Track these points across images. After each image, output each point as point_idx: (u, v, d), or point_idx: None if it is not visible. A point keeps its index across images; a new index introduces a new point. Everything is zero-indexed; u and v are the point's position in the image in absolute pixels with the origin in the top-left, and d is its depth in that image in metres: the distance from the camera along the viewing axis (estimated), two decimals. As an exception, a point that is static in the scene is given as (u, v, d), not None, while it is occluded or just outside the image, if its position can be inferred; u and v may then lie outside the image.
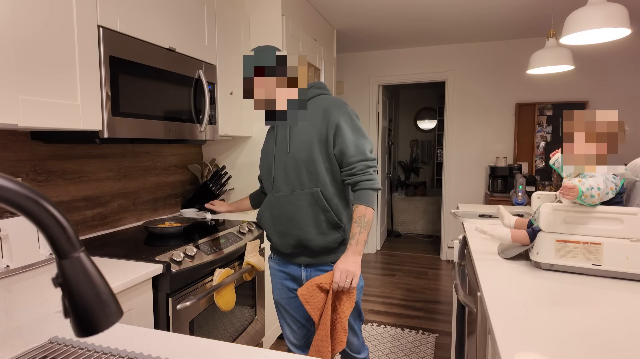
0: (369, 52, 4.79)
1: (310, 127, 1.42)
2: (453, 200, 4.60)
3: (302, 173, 1.41)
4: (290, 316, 1.61)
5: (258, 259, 2.06)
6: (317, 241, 1.44)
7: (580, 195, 1.23)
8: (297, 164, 1.41)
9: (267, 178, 1.52)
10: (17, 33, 1.19)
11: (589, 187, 1.23)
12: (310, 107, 1.45)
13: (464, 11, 3.36)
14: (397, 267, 4.36)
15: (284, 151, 1.45)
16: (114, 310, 0.50)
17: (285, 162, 1.44)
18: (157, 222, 1.96)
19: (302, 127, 1.43)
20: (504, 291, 1.15)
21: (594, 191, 1.23)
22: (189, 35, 1.99)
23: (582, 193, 1.23)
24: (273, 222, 1.51)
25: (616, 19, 1.61)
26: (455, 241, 2.07)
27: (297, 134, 1.43)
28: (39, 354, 0.81)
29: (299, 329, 1.63)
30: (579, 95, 4.09)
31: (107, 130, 1.51)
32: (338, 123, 1.38)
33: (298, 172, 1.42)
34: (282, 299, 1.61)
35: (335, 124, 1.38)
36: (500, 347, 0.84)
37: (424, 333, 2.79)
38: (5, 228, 1.34)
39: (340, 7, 3.25)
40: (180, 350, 0.86)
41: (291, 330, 1.64)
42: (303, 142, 1.41)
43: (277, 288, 1.62)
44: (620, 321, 0.95)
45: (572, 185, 1.23)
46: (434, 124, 6.75)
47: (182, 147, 2.58)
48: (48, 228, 0.45)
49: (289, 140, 1.44)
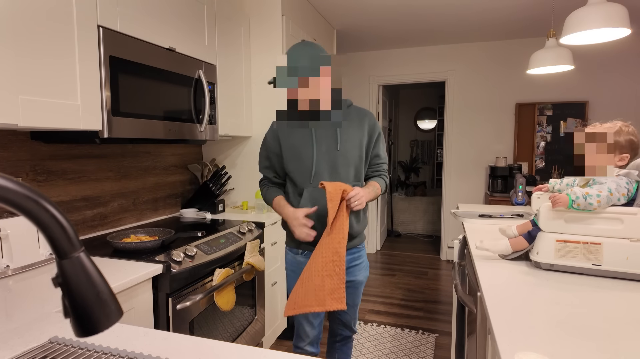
0: (369, 52, 4.79)
1: (356, 129, 1.58)
2: (453, 200, 4.60)
3: (351, 170, 1.58)
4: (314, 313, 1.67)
5: (258, 259, 2.06)
6: (356, 228, 1.62)
7: (570, 204, 1.25)
8: (347, 162, 1.57)
9: (303, 171, 1.57)
10: (17, 33, 1.19)
11: (584, 196, 1.24)
12: (349, 111, 1.62)
13: (464, 11, 3.36)
14: (397, 267, 4.36)
15: (331, 148, 1.55)
16: (114, 310, 0.50)
17: (334, 159, 1.56)
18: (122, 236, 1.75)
19: (347, 128, 1.57)
20: (504, 291, 1.15)
21: (592, 199, 1.23)
22: (189, 35, 1.99)
23: (572, 202, 1.25)
24: (317, 214, 1.56)
25: (616, 19, 1.61)
26: (455, 241, 2.07)
27: (345, 134, 1.57)
28: (39, 354, 0.81)
29: (318, 326, 1.68)
30: (579, 95, 4.08)
31: (107, 130, 1.51)
32: (380, 131, 1.64)
33: (347, 169, 1.57)
34: None
35: (378, 132, 1.64)
36: (500, 347, 0.84)
37: (424, 333, 2.79)
38: (5, 228, 1.34)
39: (340, 7, 3.25)
40: (180, 350, 0.86)
41: (311, 327, 1.66)
42: (353, 143, 1.56)
43: None
44: (620, 321, 0.95)
45: (560, 194, 1.28)
46: (434, 124, 6.75)
47: (182, 147, 2.58)
48: (48, 228, 0.45)
49: (339, 139, 1.55)
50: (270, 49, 2.59)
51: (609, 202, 1.24)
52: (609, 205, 1.25)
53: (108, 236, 1.66)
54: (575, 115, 4.09)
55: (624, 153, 1.33)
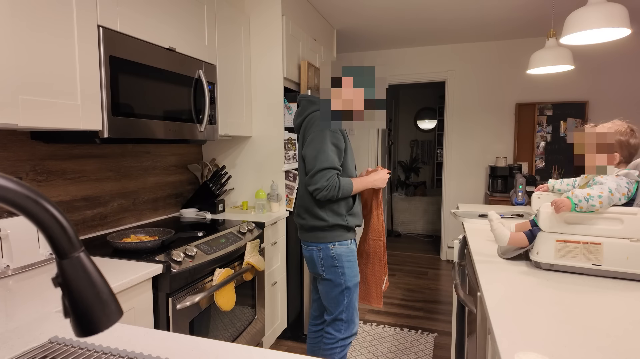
0: (369, 52, 4.78)
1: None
2: (453, 200, 4.60)
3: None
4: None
5: (258, 259, 2.06)
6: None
7: (573, 207, 1.25)
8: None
9: (352, 171, 1.87)
10: (17, 32, 1.19)
11: (586, 198, 1.24)
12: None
13: (464, 11, 3.36)
14: (397, 267, 4.36)
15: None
16: (114, 310, 0.50)
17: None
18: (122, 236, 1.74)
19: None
20: (504, 291, 1.15)
21: (594, 201, 1.23)
22: (189, 35, 1.99)
23: (575, 206, 1.25)
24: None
25: (616, 19, 1.61)
26: (455, 241, 2.07)
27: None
28: (39, 354, 0.81)
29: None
30: (579, 95, 4.08)
31: (107, 130, 1.50)
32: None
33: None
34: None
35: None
36: (500, 347, 0.84)
37: (423, 333, 2.79)
38: (5, 228, 1.34)
39: (340, 7, 3.25)
40: (180, 350, 0.86)
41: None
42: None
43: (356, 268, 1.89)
44: (620, 321, 0.95)
45: (561, 199, 1.28)
46: (434, 124, 6.74)
47: (182, 147, 2.58)
48: (48, 228, 0.45)
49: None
50: (270, 49, 2.59)
51: (611, 202, 1.24)
52: (610, 205, 1.25)
53: (108, 236, 1.66)
54: (575, 115, 4.09)
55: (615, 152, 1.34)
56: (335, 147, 1.73)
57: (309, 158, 1.74)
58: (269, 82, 2.62)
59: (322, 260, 1.83)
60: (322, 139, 1.72)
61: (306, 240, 1.86)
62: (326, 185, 1.70)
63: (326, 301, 1.88)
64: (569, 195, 1.27)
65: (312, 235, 1.83)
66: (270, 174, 2.65)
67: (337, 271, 1.82)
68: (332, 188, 1.70)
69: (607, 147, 1.34)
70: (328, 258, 1.81)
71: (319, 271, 1.85)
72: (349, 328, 1.87)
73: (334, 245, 1.81)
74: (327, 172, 1.70)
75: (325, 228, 1.80)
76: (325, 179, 1.70)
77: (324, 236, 1.80)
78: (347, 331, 1.86)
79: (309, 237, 1.85)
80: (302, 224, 1.86)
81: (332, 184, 1.70)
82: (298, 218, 1.89)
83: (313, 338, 2.07)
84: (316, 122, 1.75)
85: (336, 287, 1.83)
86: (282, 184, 2.63)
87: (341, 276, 1.82)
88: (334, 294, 1.84)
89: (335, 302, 1.85)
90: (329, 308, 1.88)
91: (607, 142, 1.34)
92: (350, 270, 1.83)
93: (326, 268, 1.83)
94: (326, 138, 1.71)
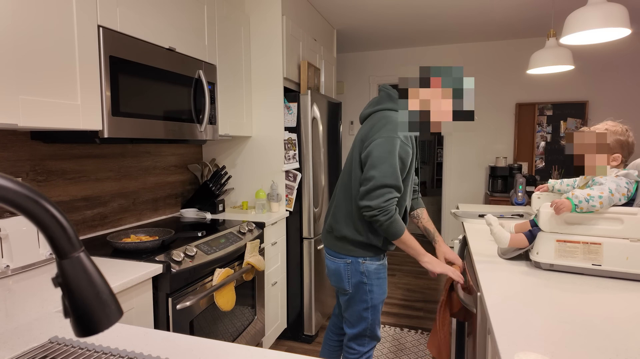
0: (369, 52, 4.79)
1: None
2: (453, 200, 4.60)
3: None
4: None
5: (258, 259, 2.06)
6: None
7: (573, 208, 1.25)
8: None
9: (410, 190, 1.66)
10: (18, 33, 1.19)
11: (586, 198, 1.24)
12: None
13: (464, 11, 3.36)
14: (397, 267, 4.36)
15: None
16: (114, 310, 0.50)
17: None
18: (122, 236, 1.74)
19: None
20: (504, 291, 1.15)
21: (595, 201, 1.24)
22: (189, 35, 1.99)
23: (575, 206, 1.25)
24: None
25: (616, 19, 1.61)
26: (455, 241, 2.07)
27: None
28: (39, 354, 0.81)
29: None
30: (579, 95, 4.08)
31: (107, 130, 1.50)
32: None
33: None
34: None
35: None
36: (500, 347, 0.84)
37: (423, 333, 2.79)
38: (5, 228, 1.34)
39: (340, 7, 3.25)
40: (180, 350, 0.86)
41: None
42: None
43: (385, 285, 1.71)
44: (620, 321, 0.95)
45: (562, 200, 1.27)
46: (434, 124, 6.74)
47: (182, 147, 2.58)
48: (48, 228, 0.45)
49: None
50: (270, 49, 2.59)
51: (611, 203, 1.24)
52: (610, 205, 1.25)
53: (108, 236, 1.66)
54: (575, 115, 4.10)
55: (615, 154, 1.34)
56: (401, 161, 1.50)
57: (369, 166, 1.49)
58: (269, 82, 2.62)
59: (350, 274, 1.63)
60: (390, 147, 1.47)
61: (333, 249, 1.66)
62: (383, 207, 1.46)
63: (348, 315, 1.70)
64: (569, 196, 1.27)
65: (341, 245, 1.63)
66: (270, 174, 2.65)
67: (365, 288, 1.63)
68: (385, 212, 1.46)
69: (607, 148, 1.34)
70: (357, 274, 1.62)
71: (345, 287, 1.65)
72: (372, 341, 1.73)
73: (364, 260, 1.61)
74: (388, 191, 1.46)
75: (358, 243, 1.61)
76: (384, 200, 1.45)
77: (355, 250, 1.61)
78: (371, 344, 1.73)
79: (338, 247, 1.64)
80: (334, 228, 1.66)
81: (388, 208, 1.46)
82: (332, 220, 1.67)
83: (331, 346, 1.95)
84: (389, 125, 1.51)
85: (361, 303, 1.65)
86: (282, 184, 2.63)
87: (368, 293, 1.63)
88: (358, 310, 1.66)
89: (358, 319, 1.67)
90: (352, 323, 1.70)
91: (606, 142, 1.35)
92: (379, 288, 1.65)
93: (353, 285, 1.64)
94: (395, 148, 1.47)
